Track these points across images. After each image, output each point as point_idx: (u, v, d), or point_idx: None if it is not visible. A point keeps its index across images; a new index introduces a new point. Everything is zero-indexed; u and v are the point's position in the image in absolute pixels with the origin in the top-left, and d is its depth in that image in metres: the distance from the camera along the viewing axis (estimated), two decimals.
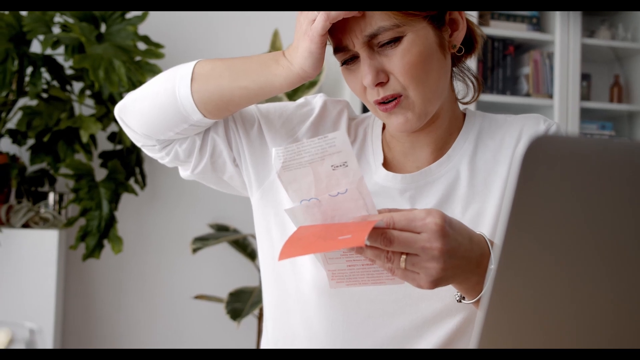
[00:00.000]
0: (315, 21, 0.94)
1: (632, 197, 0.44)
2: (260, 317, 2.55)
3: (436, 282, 0.82)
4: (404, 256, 0.81)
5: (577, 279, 0.49)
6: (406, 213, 0.83)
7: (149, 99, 1.06)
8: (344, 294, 1.05)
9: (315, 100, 1.16)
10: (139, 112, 1.07)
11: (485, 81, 2.94)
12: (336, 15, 0.93)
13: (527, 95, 2.99)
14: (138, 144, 1.13)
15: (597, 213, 0.44)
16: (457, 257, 0.82)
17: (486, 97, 2.87)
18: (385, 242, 0.80)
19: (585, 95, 3.10)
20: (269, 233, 1.13)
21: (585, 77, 3.12)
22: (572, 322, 0.51)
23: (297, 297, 1.10)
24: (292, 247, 0.82)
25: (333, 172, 0.84)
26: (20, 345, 0.44)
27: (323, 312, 1.07)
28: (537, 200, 0.42)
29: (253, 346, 2.64)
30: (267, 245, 1.15)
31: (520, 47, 3.08)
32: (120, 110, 1.10)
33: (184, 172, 1.15)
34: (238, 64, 1.03)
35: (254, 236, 2.57)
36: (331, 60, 1.12)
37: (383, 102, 0.99)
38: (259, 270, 2.59)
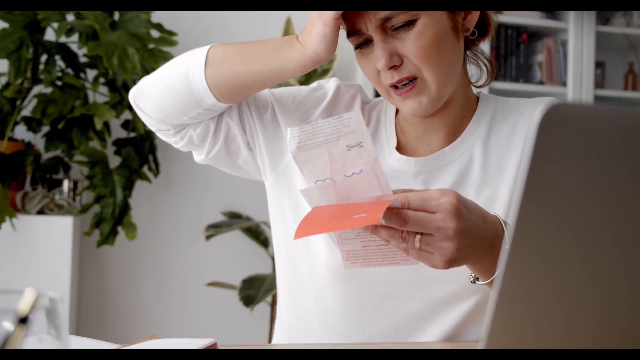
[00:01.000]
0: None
1: None
2: (273, 304, 2.57)
3: (450, 262, 0.83)
4: (418, 236, 0.82)
5: (594, 254, 0.49)
6: (421, 193, 0.83)
7: (163, 83, 1.07)
8: (358, 277, 1.06)
9: (328, 84, 1.16)
10: (154, 97, 1.08)
11: (499, 69, 2.92)
12: None
13: (541, 83, 2.97)
14: (152, 128, 1.14)
15: (615, 182, 0.43)
16: (472, 237, 0.82)
17: (499, 85, 2.86)
18: (400, 221, 0.81)
19: (599, 83, 3.08)
20: (283, 216, 1.14)
21: (599, 64, 3.10)
22: (588, 300, 0.51)
23: (311, 280, 1.10)
24: (308, 226, 0.82)
25: (348, 153, 0.84)
26: (41, 313, 0.45)
27: (337, 295, 1.08)
28: (553, 169, 0.42)
29: (266, 332, 2.66)
30: (280, 229, 1.15)
31: (533, 35, 3.06)
32: (135, 95, 1.11)
33: (198, 157, 1.15)
34: (251, 48, 1.03)
35: (266, 224, 2.58)
36: (344, 48, 1.12)
37: (397, 87, 0.99)
38: (272, 257, 2.60)
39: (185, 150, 1.16)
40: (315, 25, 0.96)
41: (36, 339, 0.50)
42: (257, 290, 2.40)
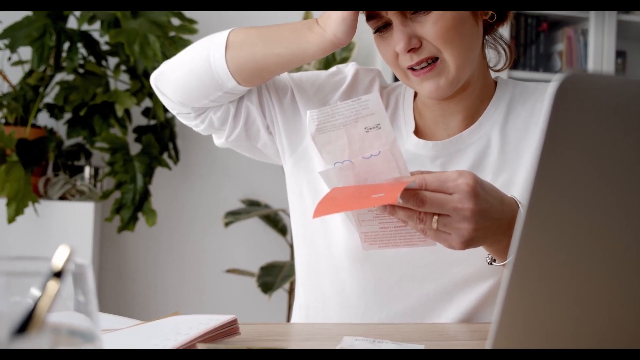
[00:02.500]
0: None
1: None
2: (290, 291, 2.59)
3: (467, 243, 0.84)
4: (435, 217, 0.83)
5: (610, 230, 0.49)
6: (438, 174, 0.84)
7: (185, 67, 1.08)
8: (375, 260, 1.07)
9: (347, 69, 1.17)
10: (175, 80, 1.09)
11: (518, 58, 2.91)
12: None
13: (561, 72, 2.96)
14: (173, 111, 1.15)
15: (632, 154, 0.44)
16: (489, 218, 0.83)
17: (519, 74, 2.84)
18: (418, 202, 0.82)
19: (620, 73, 3.06)
20: (302, 199, 1.15)
21: (620, 54, 3.08)
22: (604, 275, 0.51)
23: (329, 262, 1.12)
24: (326, 206, 0.84)
25: (366, 134, 0.85)
26: (68, 278, 0.47)
27: (354, 277, 1.09)
28: (568, 141, 0.42)
29: (284, 319, 2.68)
30: (299, 211, 1.17)
31: (554, 24, 3.04)
32: (156, 79, 1.13)
33: (218, 140, 1.17)
34: (271, 31, 1.05)
35: (284, 211, 2.60)
36: (364, 33, 1.13)
37: (415, 69, 1.00)
38: (290, 245, 2.62)
39: (205, 134, 1.18)
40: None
41: (64, 308, 0.52)
42: (275, 277, 2.42)
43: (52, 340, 0.42)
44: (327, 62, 2.54)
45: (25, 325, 0.36)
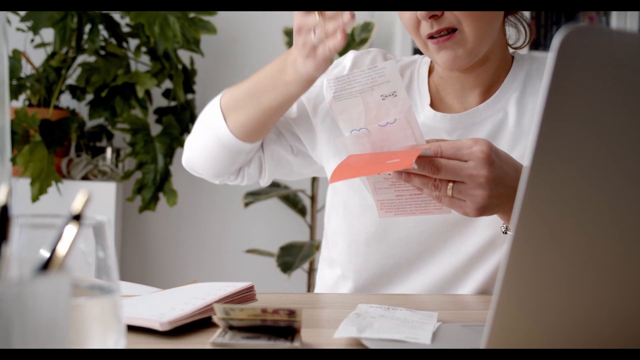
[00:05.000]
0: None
1: None
2: (310, 272, 2.60)
3: (482, 210, 0.84)
4: (451, 184, 0.83)
5: (614, 192, 0.49)
6: (453, 142, 0.84)
7: (202, 148, 1.12)
8: (392, 239, 1.08)
9: (345, 58, 1.18)
10: (201, 162, 1.14)
11: (539, 39, 2.89)
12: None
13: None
14: (216, 182, 1.20)
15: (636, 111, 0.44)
16: (503, 186, 0.83)
17: (540, 56, 2.82)
18: (433, 169, 0.82)
19: None
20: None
21: None
22: (610, 242, 0.51)
23: (348, 242, 1.13)
24: (343, 171, 0.85)
25: (382, 102, 0.86)
26: (88, 231, 0.48)
27: (372, 257, 1.10)
28: (572, 96, 0.42)
29: None
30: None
31: None
32: (187, 163, 1.18)
33: (262, 182, 1.21)
34: (253, 85, 1.06)
35: (304, 192, 2.61)
36: (382, 18, 1.13)
37: (435, 37, 0.99)
38: (309, 225, 2.63)
39: (249, 183, 1.22)
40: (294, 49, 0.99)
41: (85, 263, 0.54)
42: (294, 257, 2.44)
43: (73, 290, 0.43)
44: (347, 45, 2.54)
45: (46, 264, 0.37)
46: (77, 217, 0.37)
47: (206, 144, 1.11)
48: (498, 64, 1.09)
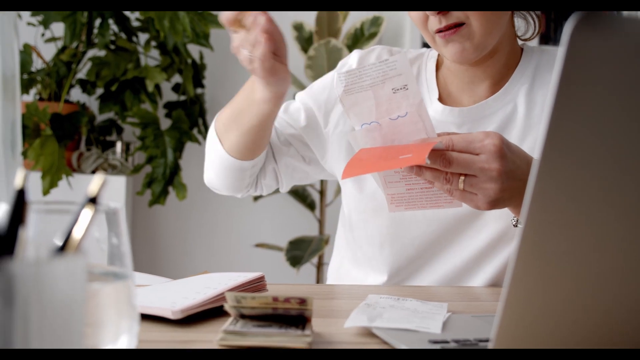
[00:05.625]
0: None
1: None
2: (319, 266, 2.61)
3: (493, 203, 0.84)
4: (462, 177, 0.83)
5: (625, 183, 0.48)
6: (465, 135, 0.84)
7: (214, 170, 1.14)
8: (404, 240, 1.08)
9: (349, 58, 1.18)
10: (217, 182, 1.16)
11: (549, 32, 2.88)
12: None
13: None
14: (238, 196, 1.21)
15: None
16: (515, 179, 0.83)
17: (549, 48, 2.81)
18: (445, 163, 0.82)
19: None
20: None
21: None
22: (618, 245, 0.51)
23: (364, 244, 1.13)
24: (355, 167, 0.85)
25: (394, 96, 0.86)
26: (102, 218, 0.49)
27: (386, 258, 1.10)
28: (584, 86, 0.42)
29: None
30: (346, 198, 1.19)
31: None
32: (207, 184, 1.21)
33: (282, 190, 1.22)
34: (235, 106, 1.07)
35: (313, 187, 2.61)
36: (391, 13, 1.13)
37: (443, 31, 0.99)
38: (318, 220, 2.64)
39: (269, 193, 1.23)
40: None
41: (99, 250, 0.54)
42: (303, 251, 2.44)
43: (88, 274, 0.44)
44: (356, 38, 2.54)
45: (63, 247, 0.37)
46: (93, 200, 0.38)
47: (213, 166, 1.14)
48: (507, 56, 1.08)
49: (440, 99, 1.10)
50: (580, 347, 0.52)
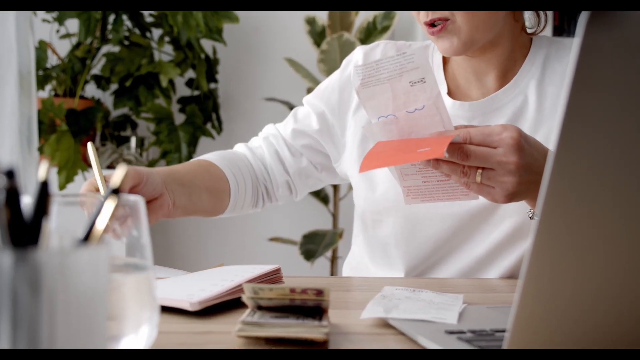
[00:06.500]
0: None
1: None
2: (332, 260, 2.61)
3: (511, 197, 0.84)
4: (479, 170, 0.83)
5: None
6: (482, 128, 0.84)
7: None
8: (419, 238, 1.08)
9: (354, 55, 1.18)
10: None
11: (562, 25, 2.86)
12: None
13: None
14: (258, 210, 1.25)
15: None
16: (533, 172, 0.83)
17: (559, 38, 2.80)
18: (462, 156, 0.82)
19: None
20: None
21: None
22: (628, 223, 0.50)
23: (380, 243, 1.13)
24: (372, 160, 0.84)
25: (411, 89, 0.86)
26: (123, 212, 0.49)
27: (402, 256, 1.10)
28: (598, 83, 0.41)
29: None
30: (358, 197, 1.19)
31: None
32: None
33: (296, 199, 1.24)
34: None
35: None
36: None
37: (431, 25, 1.00)
38: (331, 214, 2.64)
39: (284, 202, 1.25)
40: None
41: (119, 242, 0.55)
42: (317, 245, 2.45)
43: (111, 265, 0.44)
44: (369, 31, 2.53)
45: (87, 237, 0.38)
46: (116, 192, 0.38)
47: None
48: (512, 48, 1.07)
49: (449, 93, 1.10)
50: (596, 338, 0.52)
